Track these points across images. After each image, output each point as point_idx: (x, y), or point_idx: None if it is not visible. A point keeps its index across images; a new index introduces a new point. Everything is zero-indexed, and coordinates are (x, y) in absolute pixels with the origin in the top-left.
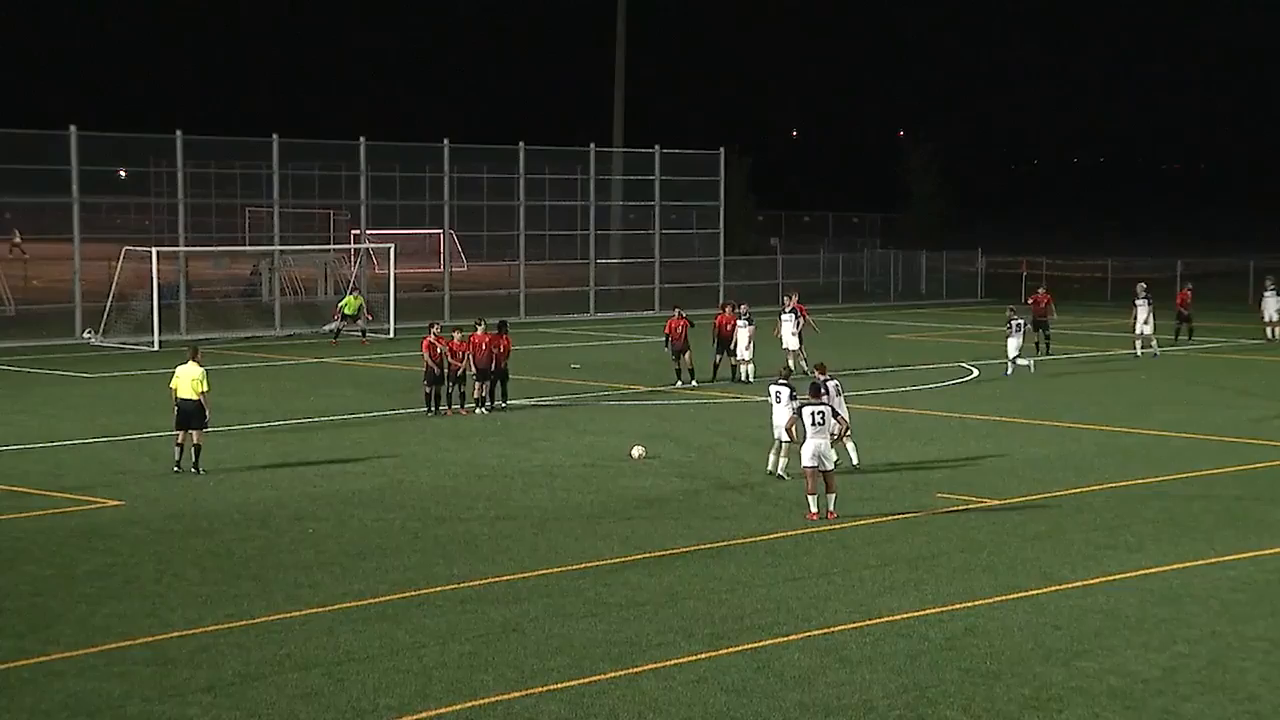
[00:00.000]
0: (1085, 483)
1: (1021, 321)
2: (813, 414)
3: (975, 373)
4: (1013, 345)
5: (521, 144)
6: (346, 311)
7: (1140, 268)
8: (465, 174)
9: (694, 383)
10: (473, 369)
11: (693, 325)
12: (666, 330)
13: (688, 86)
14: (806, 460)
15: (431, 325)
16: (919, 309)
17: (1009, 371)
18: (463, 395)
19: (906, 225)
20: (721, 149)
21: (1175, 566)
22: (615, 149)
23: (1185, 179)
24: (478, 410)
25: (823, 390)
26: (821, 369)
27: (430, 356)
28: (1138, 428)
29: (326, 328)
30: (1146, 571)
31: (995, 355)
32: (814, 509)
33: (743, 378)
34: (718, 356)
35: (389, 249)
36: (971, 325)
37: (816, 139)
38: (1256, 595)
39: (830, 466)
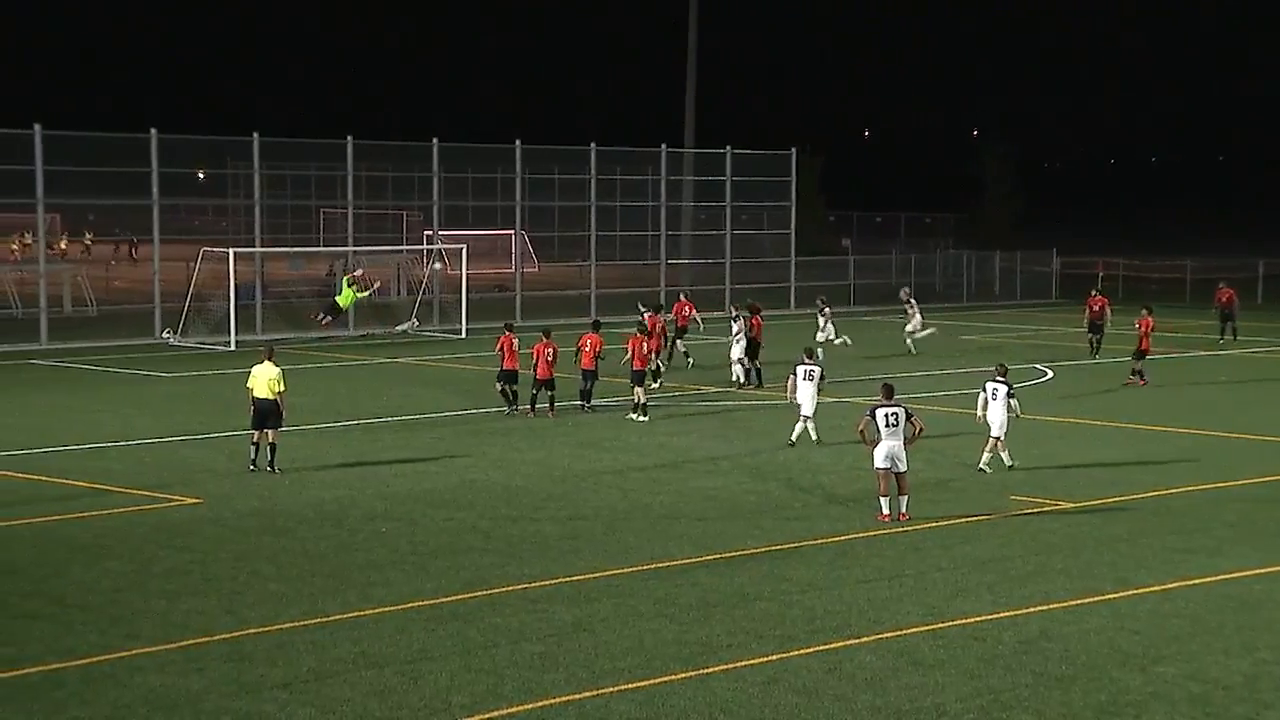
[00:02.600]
0: (1162, 485)
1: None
2: (886, 415)
3: (1049, 374)
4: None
5: (593, 145)
6: (341, 303)
7: (1221, 268)
8: (537, 175)
9: (752, 383)
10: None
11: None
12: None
13: (759, 86)
14: (879, 462)
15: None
16: (993, 310)
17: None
18: (551, 398)
19: (980, 225)
20: (793, 149)
21: (1256, 571)
22: (686, 149)
23: (1270, 178)
24: (585, 408)
25: (1001, 396)
26: (1001, 369)
27: (536, 360)
28: (1215, 430)
29: (399, 328)
30: (1226, 576)
31: (1070, 357)
32: (885, 510)
33: (735, 379)
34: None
35: (461, 249)
36: (1046, 326)
37: (889, 139)
38: None
39: (903, 468)
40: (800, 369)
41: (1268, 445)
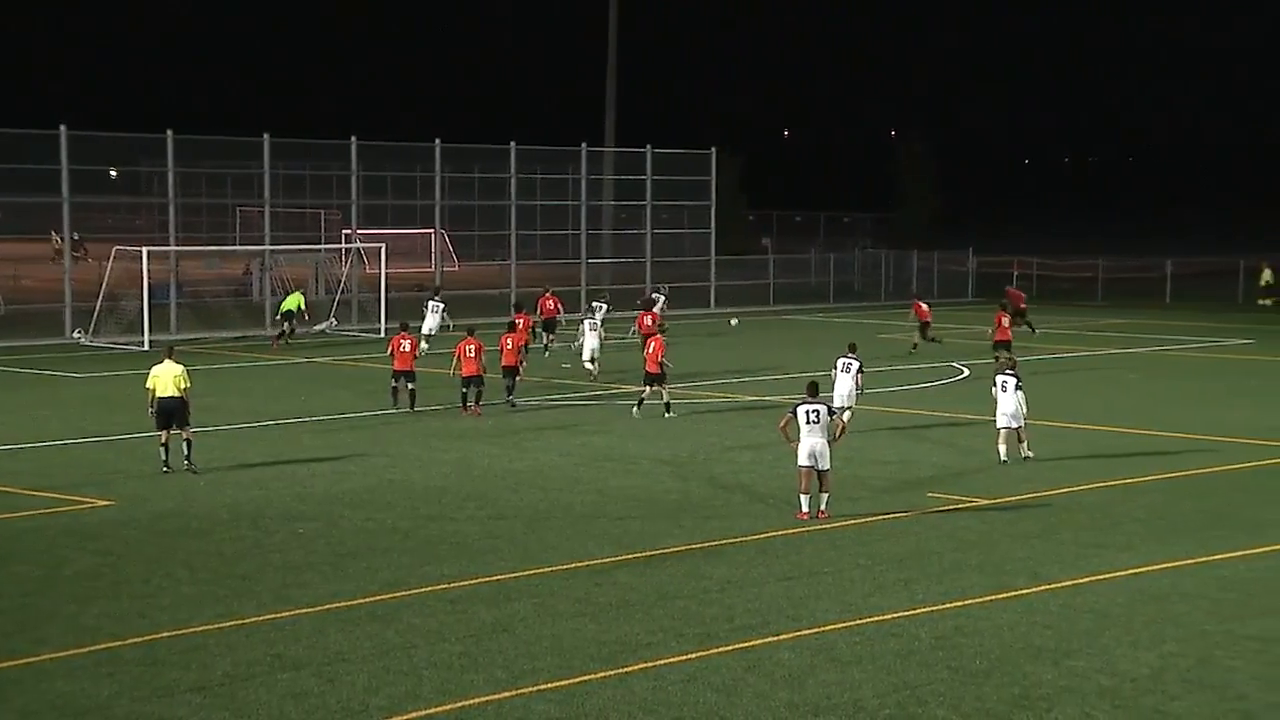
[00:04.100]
0: (1075, 482)
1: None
2: (808, 413)
3: (966, 372)
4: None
5: (513, 144)
6: (286, 307)
7: (1133, 268)
8: (457, 174)
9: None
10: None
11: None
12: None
13: (679, 86)
14: (802, 460)
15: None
16: (910, 309)
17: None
18: (478, 394)
19: (898, 225)
20: (713, 149)
21: (1165, 566)
22: (607, 149)
23: (1178, 178)
24: (511, 404)
25: (853, 371)
26: (852, 348)
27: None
28: (1127, 427)
29: (317, 328)
30: (1136, 571)
31: (987, 355)
32: (804, 509)
33: (592, 372)
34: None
35: (380, 248)
36: (962, 325)
37: (808, 139)
38: (1245, 594)
39: (825, 466)
40: (840, 361)
41: (1175, 441)
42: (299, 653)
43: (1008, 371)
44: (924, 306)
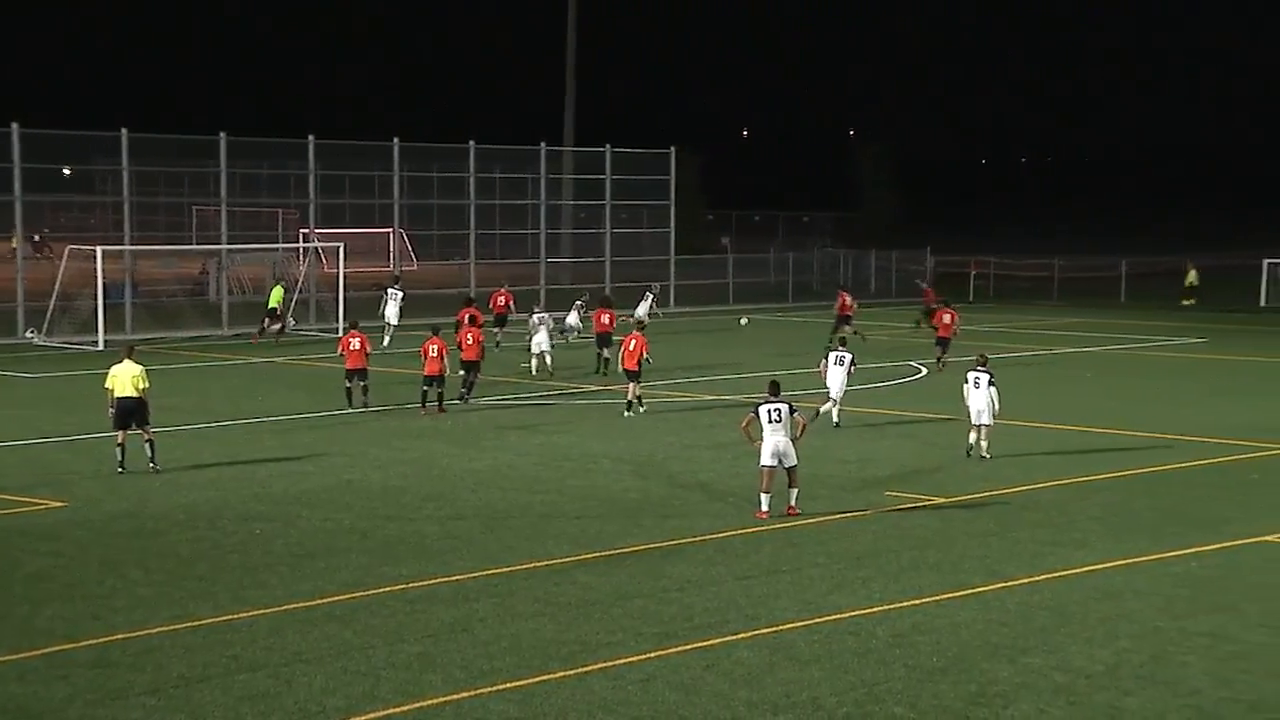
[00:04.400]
0: (1032, 480)
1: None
2: (769, 412)
3: (924, 371)
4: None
5: (472, 143)
6: (270, 303)
7: (1089, 266)
8: (415, 173)
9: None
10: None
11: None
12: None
13: (638, 86)
14: (765, 459)
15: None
16: (868, 308)
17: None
18: (440, 395)
19: (856, 225)
20: (672, 148)
21: (1119, 563)
22: (566, 148)
23: (1133, 179)
24: (466, 399)
25: (845, 364)
26: (843, 343)
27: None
28: (1083, 425)
29: (274, 327)
30: (1091, 568)
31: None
32: (765, 508)
33: (533, 370)
34: (602, 351)
35: (338, 248)
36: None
37: (767, 138)
38: (1197, 590)
39: (791, 463)
40: (832, 355)
41: (1130, 439)
42: (256, 654)
43: (980, 368)
44: (848, 300)
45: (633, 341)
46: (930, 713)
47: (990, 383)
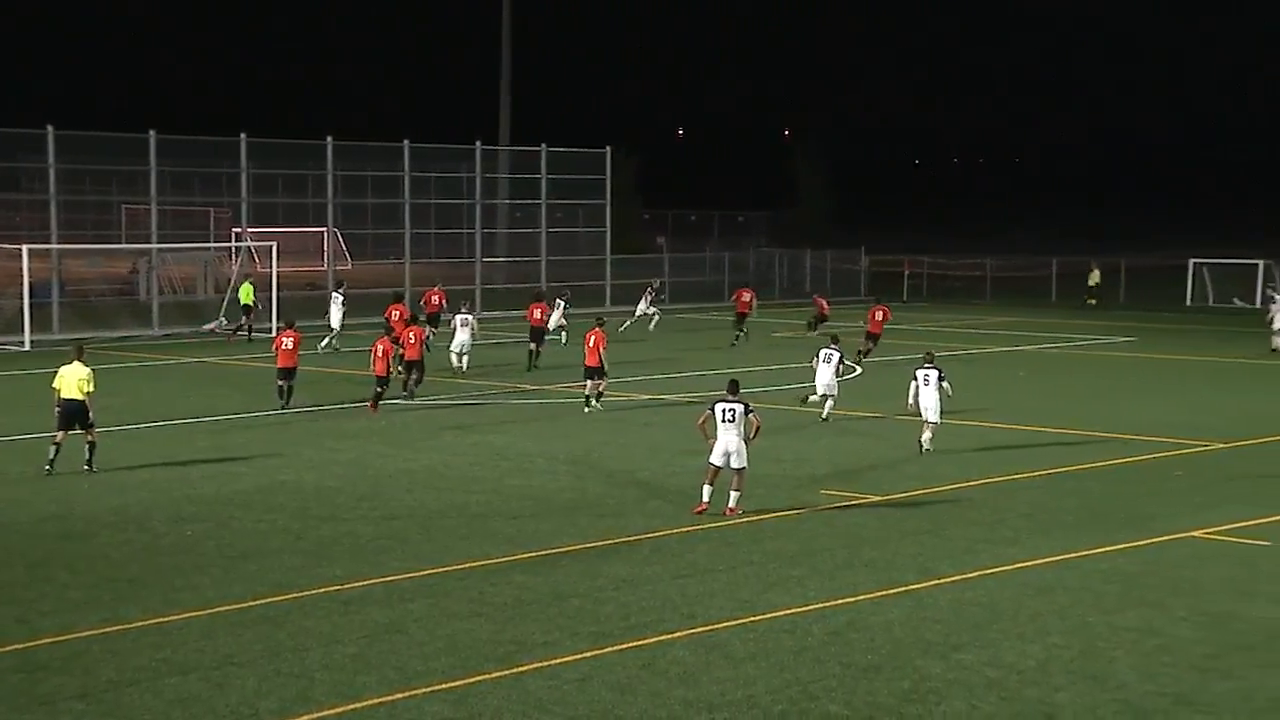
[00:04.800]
0: (965, 478)
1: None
2: (724, 410)
3: (858, 370)
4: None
5: (406, 142)
6: (243, 300)
7: (1021, 266)
8: (349, 172)
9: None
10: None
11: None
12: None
13: (573, 85)
14: (714, 458)
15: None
16: (804, 307)
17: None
18: (379, 395)
19: (792, 224)
20: (608, 148)
21: (1050, 559)
22: (501, 147)
23: (1066, 180)
24: (410, 397)
25: (834, 361)
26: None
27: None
28: (1015, 423)
29: (206, 327)
30: (1022, 565)
31: (877, 354)
32: (705, 499)
33: (459, 367)
34: (532, 345)
35: (271, 247)
36: (855, 323)
37: (703, 138)
38: (1126, 586)
39: (739, 464)
40: (821, 352)
41: (1060, 437)
42: (186, 657)
43: (928, 365)
44: (824, 301)
45: (592, 338)
46: (864, 710)
47: (940, 379)
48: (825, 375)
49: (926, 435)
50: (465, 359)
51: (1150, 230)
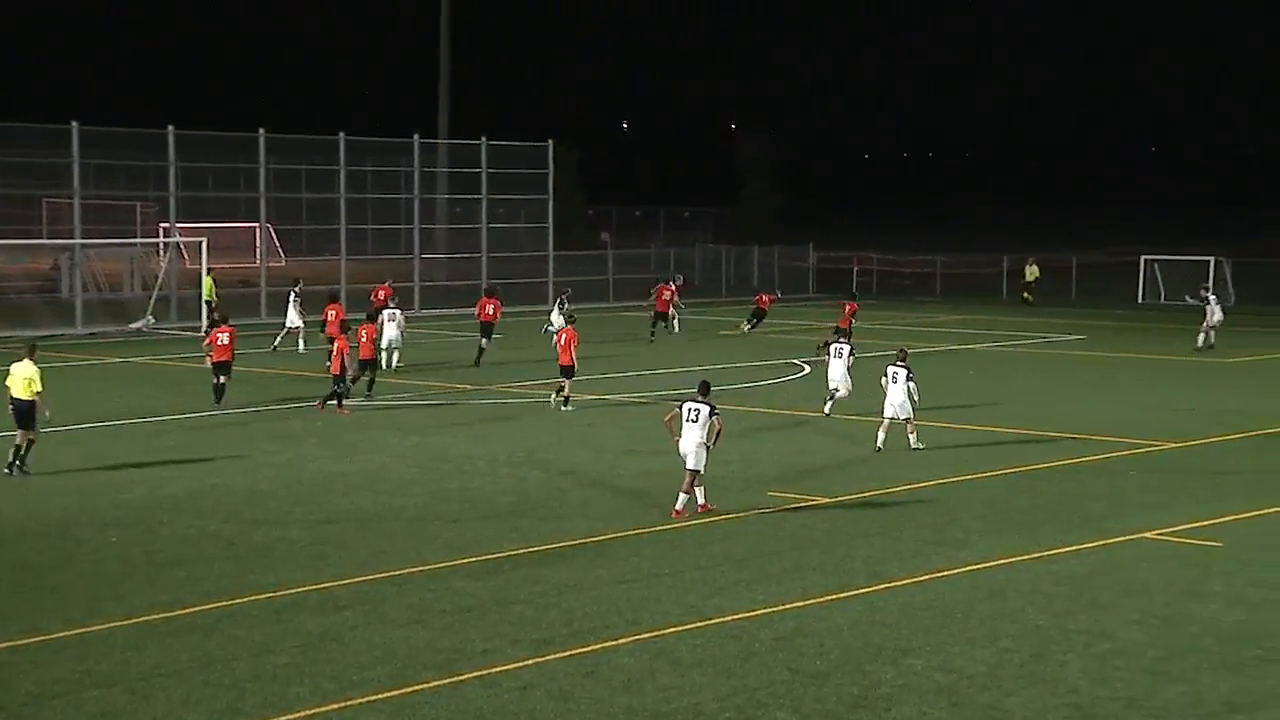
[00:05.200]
0: (915, 479)
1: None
2: (688, 410)
3: (807, 369)
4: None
5: (342, 134)
6: (205, 295)
7: (971, 263)
8: (282, 165)
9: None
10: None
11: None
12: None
13: (515, 76)
14: (682, 458)
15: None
16: (751, 305)
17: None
18: (330, 394)
19: (739, 220)
20: (550, 141)
21: (1001, 562)
22: (440, 140)
23: (1017, 176)
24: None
25: (845, 355)
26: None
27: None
28: (965, 423)
29: (133, 325)
30: (973, 567)
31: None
32: (679, 506)
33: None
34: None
35: (201, 243)
36: (803, 321)
37: (647, 132)
38: (1077, 588)
39: (693, 466)
40: (832, 347)
41: (1009, 436)
42: (110, 668)
43: (899, 363)
44: (765, 297)
45: (563, 336)
46: (813, 716)
47: (909, 378)
48: (837, 369)
49: (882, 435)
50: (395, 356)
51: (1103, 226)
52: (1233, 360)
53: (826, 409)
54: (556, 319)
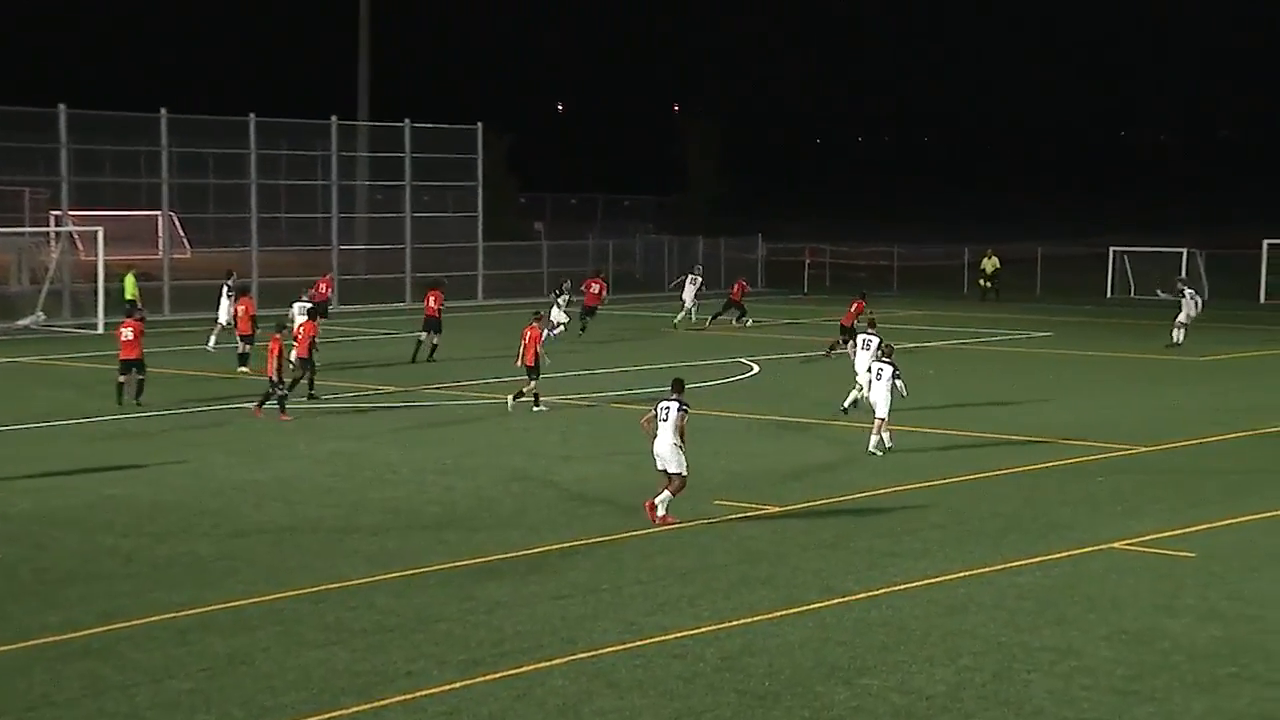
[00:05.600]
0: (870, 487)
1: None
2: (661, 409)
3: (756, 369)
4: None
5: (252, 116)
6: (127, 294)
7: (930, 255)
8: (187, 149)
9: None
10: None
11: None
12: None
13: (441, 54)
14: (658, 462)
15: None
16: (697, 299)
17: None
18: (265, 396)
19: (682, 209)
20: (479, 124)
21: (961, 574)
22: (360, 122)
23: (982, 163)
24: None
25: (872, 348)
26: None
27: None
28: (923, 426)
29: (21, 323)
30: (933, 580)
31: (776, 350)
32: (661, 511)
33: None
34: (424, 335)
35: (96, 233)
36: (753, 316)
37: (584, 114)
38: (1042, 603)
39: (662, 468)
40: (860, 338)
41: (971, 440)
42: None
43: (884, 359)
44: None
45: (528, 333)
46: None
47: (894, 374)
48: (865, 361)
49: (885, 434)
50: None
51: (1070, 217)
52: (1206, 358)
53: (846, 404)
54: (558, 314)
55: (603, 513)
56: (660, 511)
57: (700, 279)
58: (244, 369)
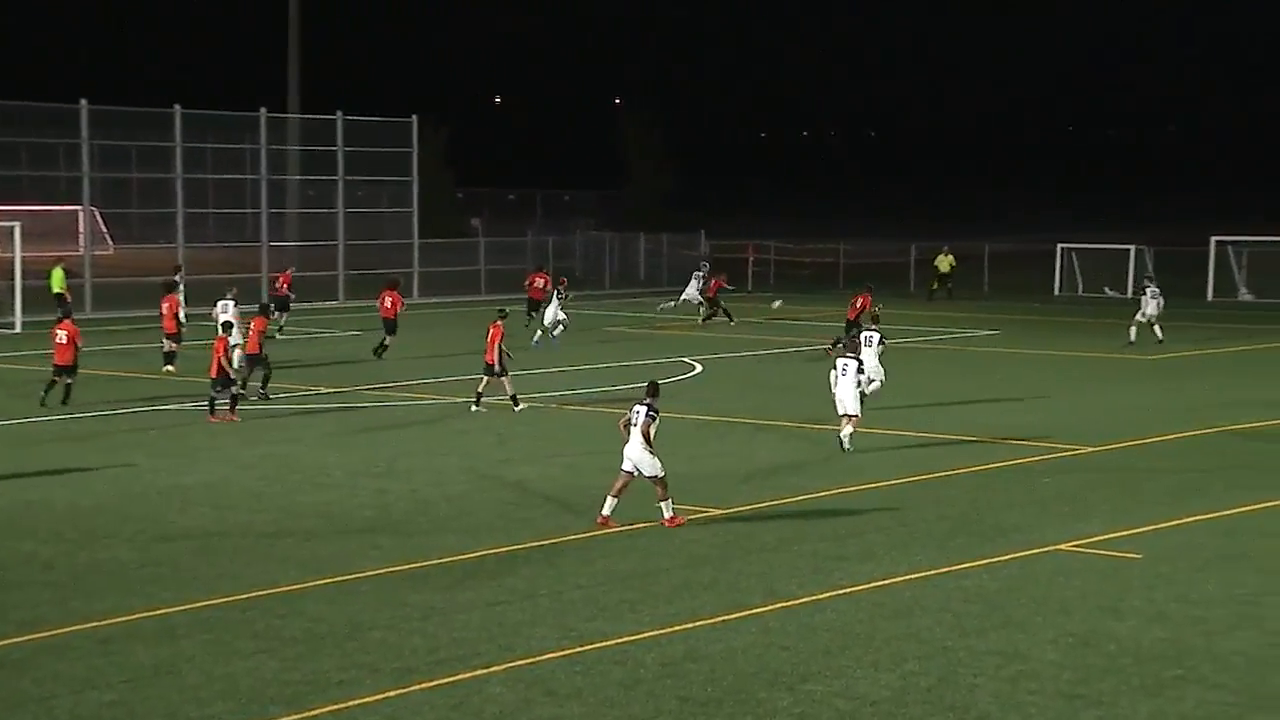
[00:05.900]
0: (817, 489)
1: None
2: (635, 412)
3: (698, 368)
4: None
5: (178, 107)
6: (54, 288)
7: (877, 252)
8: (109, 141)
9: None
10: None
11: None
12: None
13: (375, 44)
14: (624, 464)
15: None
16: (638, 296)
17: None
18: (215, 399)
19: (624, 204)
20: (414, 116)
21: (908, 577)
22: (290, 115)
23: (935, 158)
24: (265, 397)
25: (874, 344)
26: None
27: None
28: (868, 427)
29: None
30: (878, 584)
31: (720, 349)
32: (606, 512)
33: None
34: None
35: (13, 228)
36: (694, 316)
37: (522, 107)
38: (989, 606)
39: (645, 472)
40: (863, 335)
41: (918, 440)
42: None
43: (849, 355)
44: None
45: (491, 330)
46: None
47: (860, 370)
48: (870, 359)
49: (846, 431)
50: (235, 354)
51: (1019, 214)
52: (1152, 357)
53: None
54: (560, 313)
55: (542, 516)
56: (666, 514)
57: (704, 275)
58: (169, 368)
